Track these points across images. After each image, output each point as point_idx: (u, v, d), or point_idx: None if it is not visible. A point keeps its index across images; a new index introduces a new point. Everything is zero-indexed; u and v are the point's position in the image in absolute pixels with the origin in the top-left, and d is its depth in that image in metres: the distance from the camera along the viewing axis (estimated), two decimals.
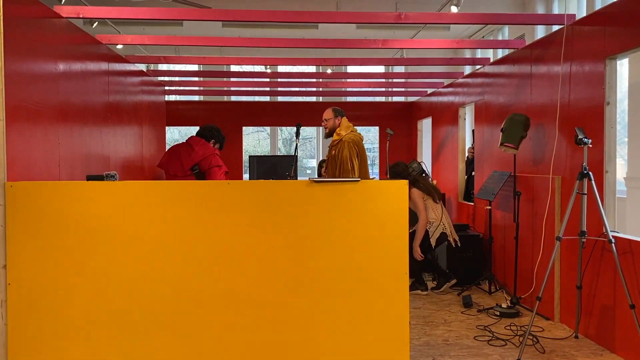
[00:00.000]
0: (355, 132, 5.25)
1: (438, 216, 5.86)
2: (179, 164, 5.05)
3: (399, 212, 3.16)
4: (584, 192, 4.02)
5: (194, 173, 5.06)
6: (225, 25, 10.62)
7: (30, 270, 3.05)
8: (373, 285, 3.16)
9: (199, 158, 5.00)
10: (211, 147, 5.14)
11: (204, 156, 5.02)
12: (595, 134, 4.24)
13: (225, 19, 5.34)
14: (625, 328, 3.90)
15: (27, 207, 3.04)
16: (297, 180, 3.31)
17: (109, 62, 5.62)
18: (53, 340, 3.07)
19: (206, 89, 10.13)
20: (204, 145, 5.09)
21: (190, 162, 5.02)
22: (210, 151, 5.07)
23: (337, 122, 5.26)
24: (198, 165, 4.99)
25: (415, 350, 4.08)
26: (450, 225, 5.94)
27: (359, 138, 5.22)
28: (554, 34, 5.05)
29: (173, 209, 3.10)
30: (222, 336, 3.13)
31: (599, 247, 4.19)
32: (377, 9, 9.05)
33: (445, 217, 5.93)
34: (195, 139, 5.19)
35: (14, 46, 3.35)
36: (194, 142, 5.12)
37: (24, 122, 3.51)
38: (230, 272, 3.12)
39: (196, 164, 5.01)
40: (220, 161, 5.11)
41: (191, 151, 5.03)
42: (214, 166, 5.04)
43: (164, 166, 5.21)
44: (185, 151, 5.06)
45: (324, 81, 9.45)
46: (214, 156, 5.06)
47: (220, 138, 5.36)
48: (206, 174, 4.98)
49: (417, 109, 10.01)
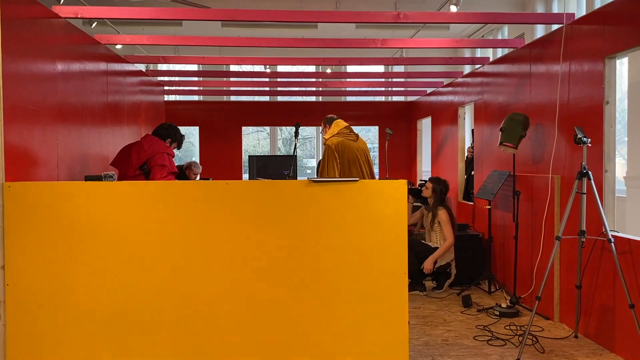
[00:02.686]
0: (341, 135, 5.33)
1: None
2: (128, 162, 4.73)
3: (398, 212, 3.16)
4: (583, 192, 4.01)
5: (143, 172, 4.79)
6: (224, 25, 10.60)
7: (29, 271, 3.05)
8: (372, 285, 3.16)
9: (148, 156, 4.64)
10: (162, 145, 4.75)
11: (152, 154, 4.69)
12: (595, 133, 4.23)
13: (224, 19, 5.33)
14: (624, 328, 3.89)
15: (25, 208, 3.04)
16: (296, 180, 3.31)
17: (108, 62, 5.62)
18: (51, 340, 3.07)
19: (205, 89, 10.13)
20: (155, 143, 4.75)
21: (140, 160, 4.64)
22: (160, 149, 4.71)
23: (324, 131, 5.47)
24: (147, 163, 4.72)
25: (414, 350, 4.07)
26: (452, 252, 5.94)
27: (340, 140, 5.28)
28: (553, 33, 5.04)
29: (171, 209, 3.10)
30: (220, 335, 3.12)
31: (598, 246, 4.18)
32: (376, 9, 9.03)
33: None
34: (148, 136, 4.87)
35: (13, 46, 3.35)
36: (145, 140, 4.79)
37: (22, 122, 3.51)
38: (228, 272, 3.12)
39: (145, 162, 4.75)
40: (166, 160, 4.69)
41: (141, 149, 4.70)
42: (157, 165, 4.65)
43: (116, 165, 4.89)
44: (136, 149, 4.73)
45: (323, 81, 9.45)
46: (161, 155, 4.67)
47: (177, 136, 4.99)
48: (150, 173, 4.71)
49: (416, 108, 10.00)
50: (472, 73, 7.19)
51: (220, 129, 10.03)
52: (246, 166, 10.80)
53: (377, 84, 9.55)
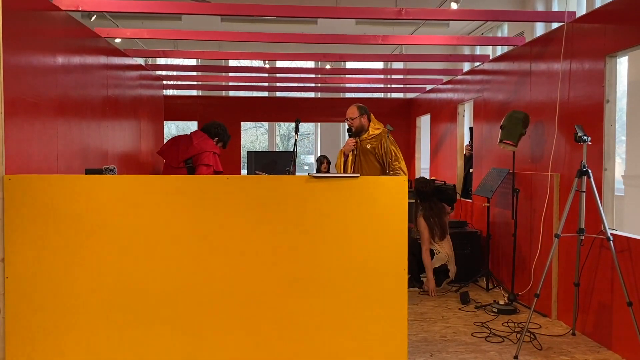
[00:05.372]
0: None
1: (443, 250, 5.83)
2: (175, 154, 4.96)
3: (398, 208, 3.16)
4: (582, 190, 4.02)
5: (186, 167, 4.94)
6: (224, 19, 10.58)
7: (28, 264, 3.04)
8: (371, 281, 3.16)
9: (195, 152, 4.89)
10: (211, 144, 5.01)
11: (199, 151, 4.89)
12: (595, 131, 4.24)
13: (224, 13, 5.31)
14: (622, 325, 3.91)
15: (25, 200, 3.03)
16: (296, 176, 3.31)
17: (108, 55, 5.60)
18: (51, 333, 3.07)
19: (204, 83, 10.10)
20: (204, 140, 4.98)
21: (186, 154, 4.90)
22: (208, 147, 4.93)
23: (364, 119, 5.04)
24: (192, 159, 4.89)
25: (413, 346, 4.08)
26: (453, 258, 5.89)
27: None
28: (554, 31, 5.04)
29: (171, 203, 3.10)
30: (221, 331, 3.13)
31: (597, 244, 4.19)
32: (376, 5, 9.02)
33: (449, 250, 5.88)
34: (198, 132, 5.10)
35: (13, 39, 3.33)
36: (195, 136, 5.03)
37: (22, 115, 3.50)
38: (228, 267, 3.12)
39: (190, 157, 4.90)
40: (212, 160, 4.87)
41: (189, 144, 4.95)
42: (203, 164, 4.86)
43: (162, 154, 5.16)
44: (184, 143, 4.98)
45: (322, 77, 9.43)
46: (208, 154, 4.87)
47: (225, 136, 5.21)
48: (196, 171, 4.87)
49: (416, 105, 10.00)
50: (472, 71, 7.19)
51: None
52: (244, 161, 10.78)
53: (376, 80, 9.53)
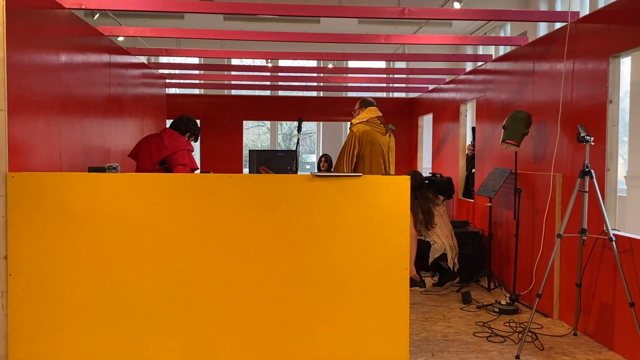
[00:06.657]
0: (369, 124, 4.92)
1: (439, 239, 5.82)
2: (148, 155, 4.71)
3: (401, 208, 3.16)
4: (585, 190, 4.02)
5: (162, 167, 4.78)
6: (226, 18, 10.58)
7: (31, 261, 3.05)
8: (373, 280, 3.16)
9: (168, 152, 4.65)
10: (183, 141, 4.75)
11: (173, 151, 4.66)
12: (598, 131, 4.23)
13: (227, 12, 5.30)
14: (624, 326, 3.91)
15: (29, 198, 3.04)
16: (299, 175, 3.31)
17: (111, 54, 5.61)
18: (53, 331, 3.08)
19: (207, 82, 10.10)
20: (175, 139, 4.75)
21: (159, 155, 4.62)
22: (181, 146, 4.73)
23: (356, 113, 5.06)
24: (167, 159, 4.73)
25: (414, 345, 4.08)
26: (453, 248, 5.85)
27: (367, 130, 4.87)
28: (557, 31, 5.04)
29: (174, 202, 3.10)
30: (223, 329, 3.13)
31: (599, 245, 4.19)
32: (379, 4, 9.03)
33: (447, 239, 5.85)
34: (169, 131, 4.85)
35: (17, 37, 3.34)
36: (166, 135, 4.78)
37: (25, 112, 3.50)
38: (231, 265, 3.12)
39: (165, 158, 4.67)
40: (187, 159, 4.71)
41: (161, 144, 4.69)
42: (179, 164, 4.65)
43: (135, 157, 4.88)
44: (156, 144, 4.72)
45: (325, 76, 9.43)
46: (183, 152, 4.69)
47: (196, 130, 5.01)
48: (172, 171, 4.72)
49: (418, 105, 9.99)
50: (475, 70, 7.19)
51: (221, 123, 10.02)
52: (246, 160, 10.80)
53: (378, 79, 9.52)
